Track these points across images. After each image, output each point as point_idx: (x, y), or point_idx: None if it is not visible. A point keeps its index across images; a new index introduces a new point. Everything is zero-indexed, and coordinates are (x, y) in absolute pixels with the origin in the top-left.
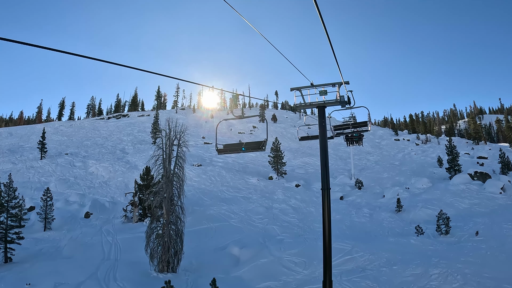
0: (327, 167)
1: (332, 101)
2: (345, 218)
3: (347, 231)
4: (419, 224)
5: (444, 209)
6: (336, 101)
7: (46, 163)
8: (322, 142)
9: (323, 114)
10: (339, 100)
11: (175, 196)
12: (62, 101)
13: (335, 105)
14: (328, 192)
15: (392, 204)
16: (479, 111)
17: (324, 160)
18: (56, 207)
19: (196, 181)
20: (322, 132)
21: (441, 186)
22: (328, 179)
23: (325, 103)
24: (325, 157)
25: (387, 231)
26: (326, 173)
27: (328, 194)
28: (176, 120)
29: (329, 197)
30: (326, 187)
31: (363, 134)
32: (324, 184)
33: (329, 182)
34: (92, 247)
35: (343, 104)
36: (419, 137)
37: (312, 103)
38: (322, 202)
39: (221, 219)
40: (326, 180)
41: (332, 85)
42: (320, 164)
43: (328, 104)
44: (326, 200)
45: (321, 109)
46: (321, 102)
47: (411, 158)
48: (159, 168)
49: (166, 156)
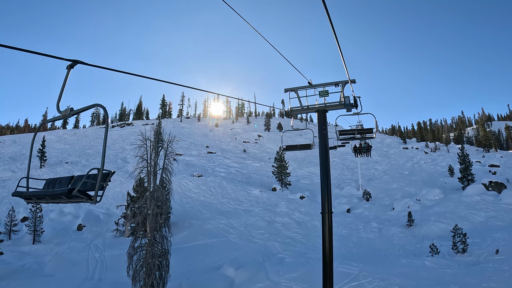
0: (329, 186)
1: (335, 103)
2: (352, 233)
3: (354, 248)
4: (433, 243)
5: (459, 223)
6: (339, 104)
7: (45, 171)
8: (322, 155)
9: (324, 120)
10: (344, 103)
11: (160, 213)
12: None
13: (339, 108)
14: (329, 216)
15: (402, 217)
16: (488, 117)
17: (325, 176)
18: (50, 218)
19: (196, 192)
20: (323, 142)
21: (454, 197)
22: (330, 200)
23: (326, 106)
24: (326, 173)
25: (398, 249)
26: (327, 192)
27: (329, 218)
28: (163, 129)
29: (331, 222)
30: (328, 210)
31: (371, 145)
32: (325, 207)
33: (331, 204)
34: (77, 264)
35: (349, 108)
36: (428, 145)
37: (310, 107)
38: (323, 229)
39: (219, 234)
40: (327, 202)
41: (335, 84)
42: (321, 182)
43: (330, 108)
44: (328, 225)
45: (322, 114)
46: (321, 105)
47: (420, 167)
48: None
49: (151, 168)
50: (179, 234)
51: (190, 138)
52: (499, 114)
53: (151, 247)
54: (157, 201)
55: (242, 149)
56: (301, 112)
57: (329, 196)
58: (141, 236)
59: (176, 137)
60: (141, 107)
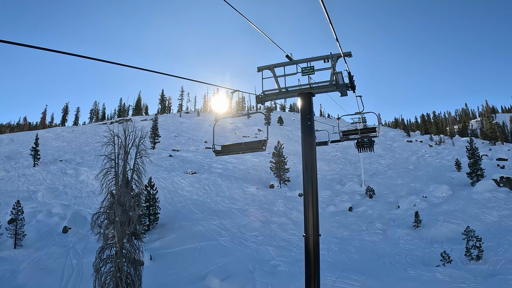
0: (315, 199)
1: (323, 84)
2: (354, 235)
3: (356, 254)
4: (445, 250)
5: (470, 224)
6: (330, 85)
7: (38, 170)
8: (306, 155)
9: (309, 107)
10: (335, 82)
11: (129, 220)
12: (65, 106)
13: (329, 90)
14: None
15: (408, 217)
16: (492, 110)
17: (310, 187)
18: (37, 220)
19: (188, 191)
20: (308, 137)
21: (463, 194)
22: (316, 217)
23: (312, 87)
24: (312, 182)
25: (405, 256)
26: (313, 208)
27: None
28: (133, 124)
29: (317, 246)
30: (313, 233)
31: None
32: (310, 227)
33: (317, 223)
34: (52, 272)
35: (343, 90)
36: (432, 138)
37: (290, 89)
38: (306, 257)
39: (209, 237)
40: (313, 220)
41: (324, 59)
42: (304, 195)
43: (317, 90)
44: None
45: (306, 98)
46: (305, 86)
47: (425, 161)
48: (109, 185)
49: (118, 169)
50: (167, 237)
51: (189, 133)
52: (503, 106)
53: (120, 259)
54: (123, 206)
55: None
56: (279, 97)
57: (315, 213)
58: (109, 246)
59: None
60: (140, 103)
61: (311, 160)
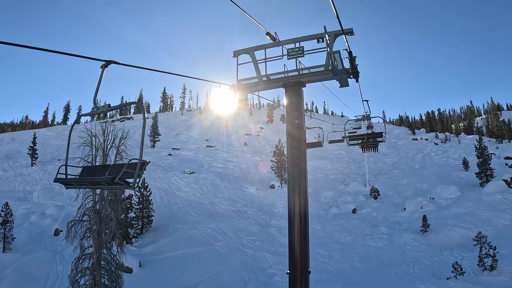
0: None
1: (316, 69)
2: (358, 241)
3: (359, 263)
4: (457, 261)
5: (481, 228)
6: (325, 71)
7: (35, 170)
8: (294, 165)
9: (297, 100)
10: (331, 67)
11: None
12: (67, 105)
13: (324, 78)
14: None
15: (415, 220)
16: (497, 107)
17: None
18: (30, 222)
19: (185, 191)
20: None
21: (473, 196)
22: (307, 254)
23: (301, 75)
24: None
25: (413, 265)
26: (301, 241)
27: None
28: (113, 125)
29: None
30: (301, 270)
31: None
32: (298, 263)
33: (307, 262)
34: (35, 280)
35: (342, 78)
36: (438, 135)
37: (273, 77)
38: None
39: (204, 241)
40: (302, 256)
41: (318, 38)
42: (289, 222)
43: (307, 77)
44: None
45: (293, 89)
46: (292, 73)
47: (431, 160)
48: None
49: None
50: (160, 241)
51: (190, 131)
52: (508, 103)
53: (97, 271)
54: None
55: (243, 142)
56: (259, 88)
57: (303, 241)
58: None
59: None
60: (141, 101)
61: (300, 173)
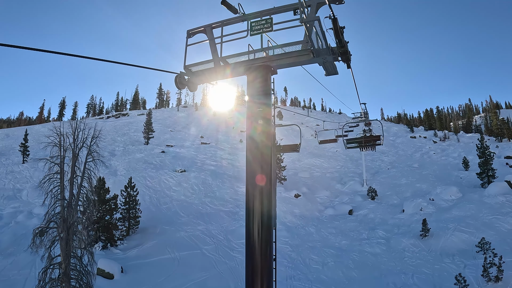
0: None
1: (291, 48)
2: (354, 245)
3: (355, 271)
4: (460, 273)
5: (484, 233)
6: (303, 51)
7: (26, 167)
8: (251, 176)
9: (264, 90)
10: (312, 47)
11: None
12: (62, 101)
13: (301, 62)
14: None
15: (414, 223)
16: (496, 105)
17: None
18: (16, 221)
19: (176, 190)
20: (254, 148)
21: (474, 197)
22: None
23: (269, 57)
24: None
25: (412, 275)
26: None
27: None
28: (84, 123)
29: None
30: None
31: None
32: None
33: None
34: (12, 286)
35: (328, 64)
36: (437, 133)
37: (229, 59)
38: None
39: (192, 245)
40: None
41: (294, 10)
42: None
43: (279, 61)
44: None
45: (259, 76)
46: (258, 55)
47: (430, 159)
48: (55, 194)
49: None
50: (146, 244)
51: (186, 127)
52: (507, 102)
53: (65, 283)
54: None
55: (238, 139)
56: (214, 77)
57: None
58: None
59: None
60: (137, 97)
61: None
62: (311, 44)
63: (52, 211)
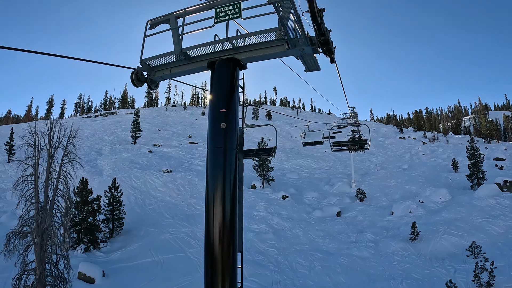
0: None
1: (263, 41)
2: (342, 249)
3: (342, 276)
4: (451, 280)
5: (474, 236)
6: (276, 41)
7: (11, 166)
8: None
9: (231, 87)
10: (286, 37)
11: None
12: (50, 99)
13: (273, 55)
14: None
15: (403, 225)
16: (484, 107)
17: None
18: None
19: (161, 191)
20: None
21: (464, 200)
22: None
23: (236, 48)
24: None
25: (401, 280)
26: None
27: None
28: (60, 123)
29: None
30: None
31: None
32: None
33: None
34: None
35: (307, 58)
36: (426, 134)
37: (190, 52)
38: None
39: (176, 248)
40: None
41: None
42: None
43: (247, 53)
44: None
45: (224, 69)
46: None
47: (420, 160)
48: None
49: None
50: (129, 246)
51: (173, 127)
52: (495, 103)
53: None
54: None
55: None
56: (174, 73)
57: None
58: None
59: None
60: (126, 96)
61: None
62: (284, 32)
63: (26, 214)
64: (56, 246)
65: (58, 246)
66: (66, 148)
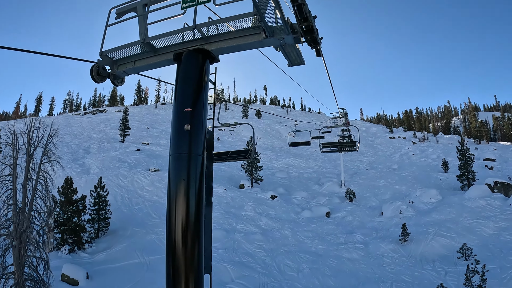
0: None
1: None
2: (331, 250)
3: (331, 278)
4: (442, 283)
5: (465, 238)
6: (251, 30)
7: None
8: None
9: (198, 80)
10: (264, 25)
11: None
12: (39, 96)
13: (250, 43)
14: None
15: (393, 226)
16: (474, 108)
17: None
18: None
19: (148, 191)
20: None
21: (455, 200)
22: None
23: (207, 37)
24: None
25: (391, 283)
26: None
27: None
28: (39, 121)
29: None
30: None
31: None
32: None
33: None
34: None
35: (289, 49)
36: (416, 134)
37: (154, 42)
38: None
39: (162, 249)
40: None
41: None
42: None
43: (219, 43)
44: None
45: (191, 62)
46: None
47: (410, 160)
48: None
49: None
50: (115, 247)
51: (163, 125)
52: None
53: None
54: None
55: (216, 137)
56: (138, 67)
57: None
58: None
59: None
60: (115, 93)
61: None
62: (260, 17)
63: (4, 216)
64: (35, 248)
65: (37, 248)
66: (46, 147)
